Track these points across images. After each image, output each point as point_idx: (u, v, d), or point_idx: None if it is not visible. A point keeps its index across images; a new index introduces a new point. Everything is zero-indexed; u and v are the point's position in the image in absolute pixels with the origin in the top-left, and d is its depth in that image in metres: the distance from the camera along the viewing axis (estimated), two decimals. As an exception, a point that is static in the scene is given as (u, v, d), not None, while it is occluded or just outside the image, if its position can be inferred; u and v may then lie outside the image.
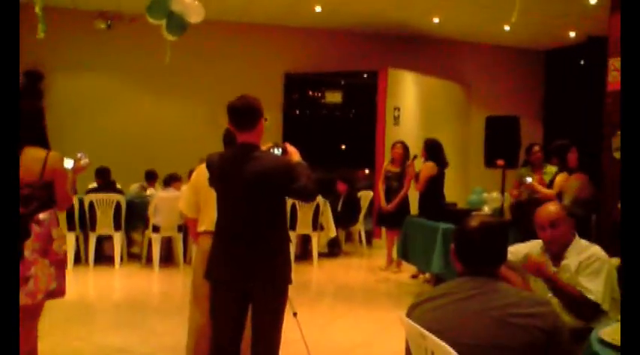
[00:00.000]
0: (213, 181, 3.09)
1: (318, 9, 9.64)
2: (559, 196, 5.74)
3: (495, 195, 8.48)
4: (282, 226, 3.04)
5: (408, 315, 2.11)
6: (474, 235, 2.09)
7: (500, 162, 7.44)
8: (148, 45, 8.21)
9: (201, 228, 3.72)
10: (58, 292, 3.49)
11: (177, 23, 5.82)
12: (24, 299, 3.29)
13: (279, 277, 2.98)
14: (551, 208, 3.06)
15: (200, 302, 3.66)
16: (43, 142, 3.42)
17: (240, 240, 2.92)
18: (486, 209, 8.23)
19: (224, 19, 10.28)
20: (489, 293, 1.99)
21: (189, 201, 3.79)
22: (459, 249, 2.13)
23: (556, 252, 3.05)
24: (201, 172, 3.57)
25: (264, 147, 3.08)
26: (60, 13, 9.72)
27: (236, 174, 2.92)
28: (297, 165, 2.95)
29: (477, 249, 2.08)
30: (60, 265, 3.48)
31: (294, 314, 4.06)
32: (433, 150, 7.20)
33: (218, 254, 3.03)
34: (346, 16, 10.08)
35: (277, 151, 3.09)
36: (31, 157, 3.30)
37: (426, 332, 1.91)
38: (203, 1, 6.11)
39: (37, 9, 4.94)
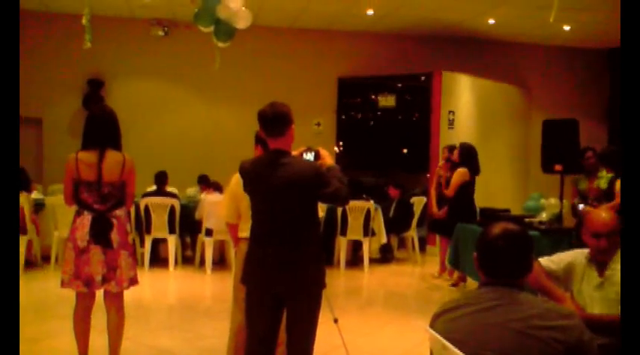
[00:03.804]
0: (246, 188, 3.11)
1: (370, 12, 9.60)
2: None
3: (553, 201, 8.19)
4: (315, 231, 3.04)
5: (431, 325, 2.04)
6: (497, 244, 1.99)
7: (558, 167, 7.18)
8: (203, 51, 8.35)
9: (241, 234, 3.76)
10: (135, 280, 3.89)
11: (225, 29, 5.90)
12: (115, 288, 3.76)
13: (313, 281, 2.98)
14: (609, 216, 2.89)
15: (240, 304, 3.69)
16: (119, 146, 3.81)
17: (273, 245, 2.94)
18: (544, 215, 7.95)
19: (278, 25, 10.38)
20: (511, 305, 1.90)
21: (229, 207, 3.83)
22: (481, 258, 2.04)
23: (601, 261, 2.91)
24: (238, 179, 3.60)
25: (296, 152, 3.08)
26: (118, 22, 10.10)
27: (267, 181, 2.94)
28: (327, 169, 2.94)
29: (500, 258, 1.99)
30: (134, 256, 3.93)
31: (335, 321, 4.03)
32: (468, 155, 7.06)
33: (252, 258, 3.05)
34: (398, 18, 9.99)
35: (310, 155, 3.09)
36: (113, 160, 3.73)
37: (447, 343, 1.85)
38: (257, 9, 6.18)
39: (84, 20, 5.11)
